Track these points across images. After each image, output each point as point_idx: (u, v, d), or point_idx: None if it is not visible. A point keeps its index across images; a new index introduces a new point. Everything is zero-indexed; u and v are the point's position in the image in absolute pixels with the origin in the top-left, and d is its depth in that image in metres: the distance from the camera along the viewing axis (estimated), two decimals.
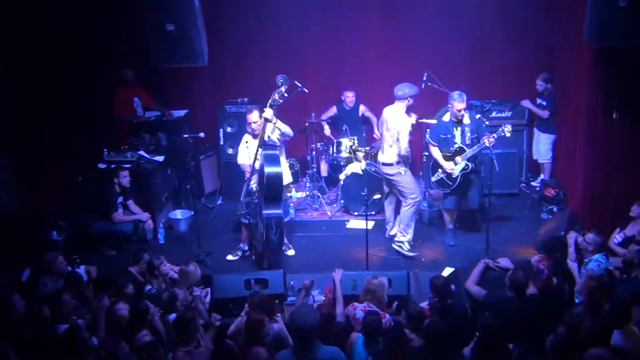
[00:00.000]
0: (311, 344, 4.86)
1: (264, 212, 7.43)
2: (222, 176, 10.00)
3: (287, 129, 7.61)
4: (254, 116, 7.61)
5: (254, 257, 8.06)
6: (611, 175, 7.76)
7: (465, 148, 7.82)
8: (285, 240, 8.13)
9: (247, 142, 7.81)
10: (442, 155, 7.94)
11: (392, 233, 8.31)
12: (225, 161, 9.85)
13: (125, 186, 8.42)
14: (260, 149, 7.47)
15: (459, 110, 7.70)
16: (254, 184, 7.69)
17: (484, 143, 7.59)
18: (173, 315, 5.90)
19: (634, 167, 7.60)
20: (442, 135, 7.93)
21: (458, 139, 7.87)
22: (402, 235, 8.05)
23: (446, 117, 7.97)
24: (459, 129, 7.86)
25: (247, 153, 7.79)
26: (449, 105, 7.81)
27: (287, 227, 8.10)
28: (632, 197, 7.21)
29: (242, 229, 8.19)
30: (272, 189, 7.38)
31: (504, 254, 7.28)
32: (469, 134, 7.82)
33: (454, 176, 7.92)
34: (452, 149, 7.89)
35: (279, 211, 7.50)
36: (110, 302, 5.93)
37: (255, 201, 7.67)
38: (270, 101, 7.39)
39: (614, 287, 5.82)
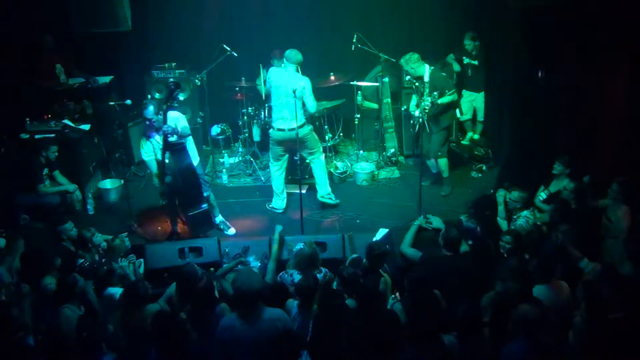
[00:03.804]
0: (256, 306, 4.87)
1: (189, 213, 7.33)
2: None
3: (185, 131, 7.37)
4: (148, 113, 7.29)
5: None
6: (537, 133, 7.96)
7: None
8: (222, 219, 8.03)
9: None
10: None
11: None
12: None
13: (52, 159, 8.15)
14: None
15: (406, 71, 8.49)
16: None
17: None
18: (110, 289, 5.81)
19: (558, 124, 7.81)
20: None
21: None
22: (324, 189, 8.37)
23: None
24: (419, 82, 8.22)
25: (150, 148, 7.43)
26: None
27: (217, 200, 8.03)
28: (556, 154, 7.38)
29: None
30: (189, 185, 7.30)
31: (435, 214, 7.39)
32: (427, 90, 8.07)
33: (414, 115, 8.35)
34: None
35: (204, 205, 7.44)
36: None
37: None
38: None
39: (542, 243, 6.02)
